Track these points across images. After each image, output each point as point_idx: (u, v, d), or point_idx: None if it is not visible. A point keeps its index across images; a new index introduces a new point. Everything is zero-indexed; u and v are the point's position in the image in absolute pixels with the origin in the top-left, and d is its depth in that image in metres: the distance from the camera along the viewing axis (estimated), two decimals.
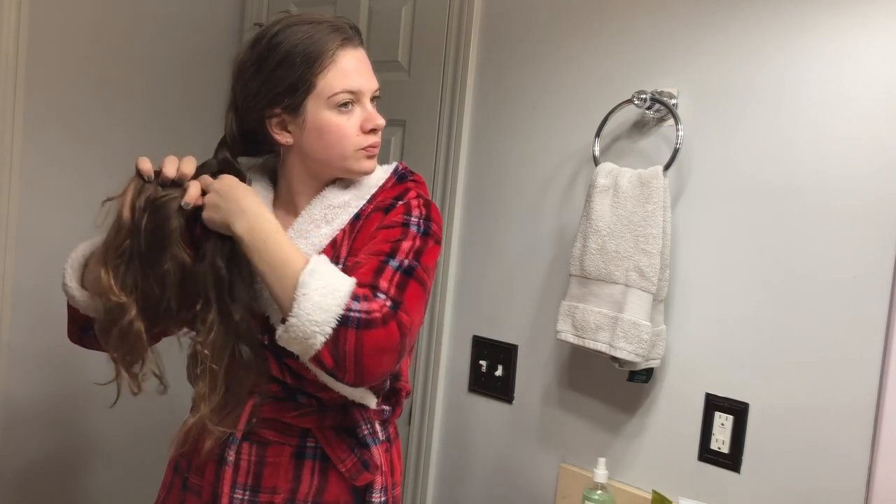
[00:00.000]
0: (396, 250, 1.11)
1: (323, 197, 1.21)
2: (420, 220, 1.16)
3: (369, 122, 1.17)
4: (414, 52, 1.93)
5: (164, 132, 2.17)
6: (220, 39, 2.31)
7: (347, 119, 1.16)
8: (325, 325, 1.00)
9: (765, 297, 1.40)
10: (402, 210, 1.17)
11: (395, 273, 1.08)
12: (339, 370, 1.02)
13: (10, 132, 1.86)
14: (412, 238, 1.13)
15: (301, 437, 1.20)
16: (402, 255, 1.11)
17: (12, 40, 1.83)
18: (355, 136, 1.17)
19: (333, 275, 1.05)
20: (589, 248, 1.50)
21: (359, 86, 1.16)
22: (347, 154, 1.17)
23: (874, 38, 1.29)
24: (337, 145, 1.17)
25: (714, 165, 1.46)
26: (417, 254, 1.12)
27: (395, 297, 1.05)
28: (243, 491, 1.18)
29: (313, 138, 1.17)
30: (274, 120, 1.18)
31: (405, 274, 1.09)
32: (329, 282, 1.03)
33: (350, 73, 1.15)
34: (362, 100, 1.17)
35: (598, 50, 1.61)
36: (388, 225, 1.15)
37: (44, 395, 2.00)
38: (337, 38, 1.15)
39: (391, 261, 1.09)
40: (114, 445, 2.14)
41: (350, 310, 1.01)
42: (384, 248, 1.11)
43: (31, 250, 1.93)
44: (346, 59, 1.15)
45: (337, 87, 1.14)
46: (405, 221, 1.15)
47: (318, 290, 1.01)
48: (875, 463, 1.27)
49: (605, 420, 1.60)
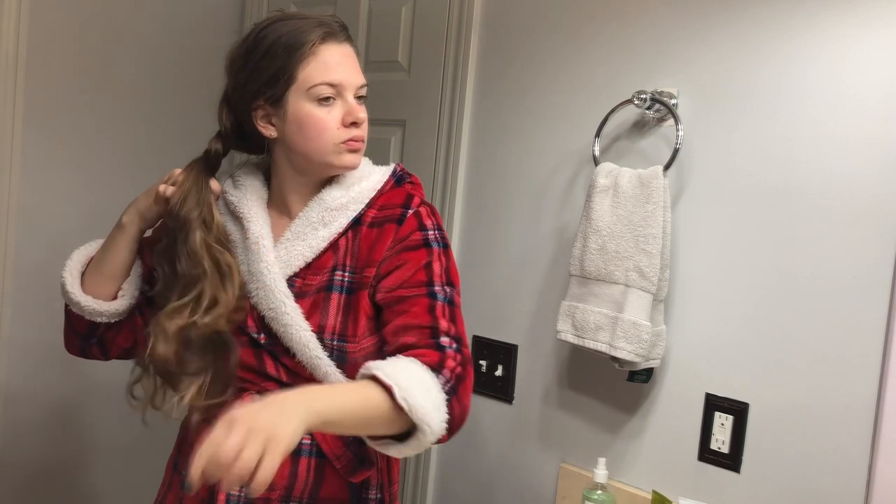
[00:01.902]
0: (432, 276, 1.16)
1: (320, 199, 1.21)
2: (436, 233, 1.20)
3: (350, 115, 1.18)
4: (414, 52, 1.93)
5: (164, 131, 2.18)
6: (219, 39, 2.30)
7: (328, 112, 1.16)
8: (445, 416, 1.04)
9: (765, 297, 1.40)
10: (416, 224, 1.19)
11: (444, 307, 1.14)
12: (451, 434, 1.07)
13: (10, 132, 1.86)
14: (438, 257, 1.18)
15: None
16: (439, 280, 1.16)
17: (12, 40, 1.84)
18: (336, 130, 1.17)
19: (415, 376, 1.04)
20: (589, 248, 1.50)
21: (340, 79, 1.16)
22: (328, 147, 1.18)
23: (874, 38, 1.29)
24: (317, 138, 1.17)
25: (714, 165, 1.46)
26: (447, 273, 1.18)
27: (455, 335, 1.12)
28: (239, 488, 1.18)
29: (294, 131, 1.18)
30: (259, 112, 1.19)
31: (451, 305, 1.15)
32: (420, 384, 1.03)
33: (331, 66, 1.16)
34: (344, 94, 1.17)
35: (599, 50, 1.61)
36: (410, 247, 1.18)
37: (44, 393, 2.00)
38: (320, 31, 1.16)
39: (435, 292, 1.14)
40: (114, 444, 2.14)
41: (444, 386, 1.05)
42: (420, 276, 1.15)
43: (31, 249, 1.93)
44: (328, 52, 1.16)
45: (317, 79, 1.15)
46: (425, 239, 1.18)
47: (424, 400, 1.01)
48: (875, 463, 1.27)
49: (605, 420, 1.60)
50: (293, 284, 1.20)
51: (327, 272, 1.20)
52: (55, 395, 2.02)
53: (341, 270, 1.19)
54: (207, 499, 1.19)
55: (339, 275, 1.19)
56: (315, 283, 1.19)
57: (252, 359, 1.19)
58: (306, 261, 1.20)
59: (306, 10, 1.57)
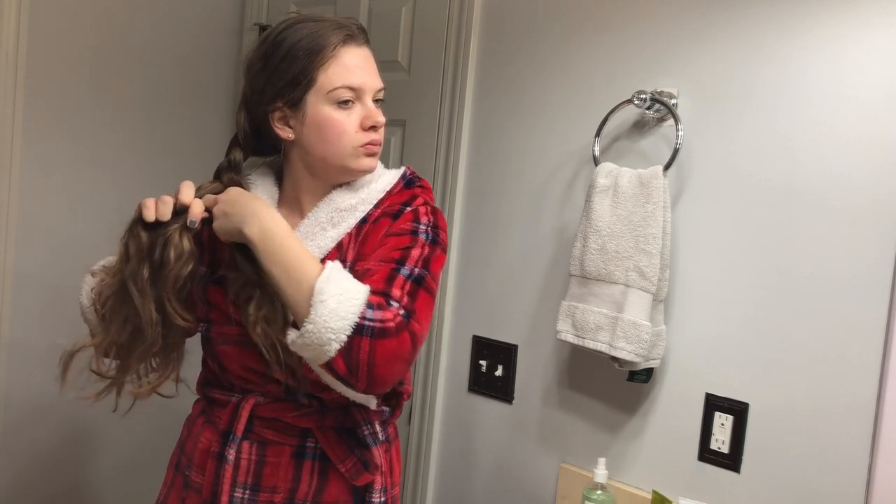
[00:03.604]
0: (406, 258, 1.12)
1: (330, 200, 1.21)
2: (428, 228, 1.17)
3: (369, 119, 1.17)
4: (414, 52, 1.93)
5: (164, 132, 2.18)
6: (219, 39, 2.31)
7: (347, 115, 1.16)
8: (340, 332, 1.00)
9: (765, 297, 1.40)
10: (411, 217, 1.18)
11: (406, 281, 1.09)
12: (351, 377, 1.02)
13: (10, 132, 1.86)
14: (421, 246, 1.14)
15: (301, 437, 1.20)
16: (412, 263, 1.11)
17: (12, 40, 1.83)
18: (354, 133, 1.17)
19: (349, 282, 1.04)
20: (589, 248, 1.50)
21: (359, 83, 1.16)
22: (346, 151, 1.17)
23: (874, 37, 1.29)
24: (335, 141, 1.17)
25: (714, 165, 1.46)
26: (426, 262, 1.13)
27: (407, 305, 1.06)
28: (243, 490, 1.18)
29: (312, 133, 1.17)
30: (277, 114, 1.18)
31: (416, 282, 1.10)
32: (346, 288, 1.03)
33: (352, 69, 1.16)
34: (363, 97, 1.17)
35: (598, 50, 1.61)
36: (397, 232, 1.16)
37: (44, 394, 2.00)
38: (340, 34, 1.16)
39: (402, 268, 1.10)
40: (114, 445, 2.14)
41: (365, 318, 1.01)
42: (394, 255, 1.12)
43: (31, 248, 1.93)
44: (349, 55, 1.16)
45: (337, 83, 1.15)
46: (414, 229, 1.16)
47: (334, 296, 1.01)
48: (875, 463, 1.27)
49: (605, 420, 1.60)
50: None
51: None
52: (56, 396, 2.02)
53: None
54: (210, 499, 1.19)
55: None
56: None
57: (256, 361, 1.18)
58: None
59: (319, 12, 1.55)
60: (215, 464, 1.20)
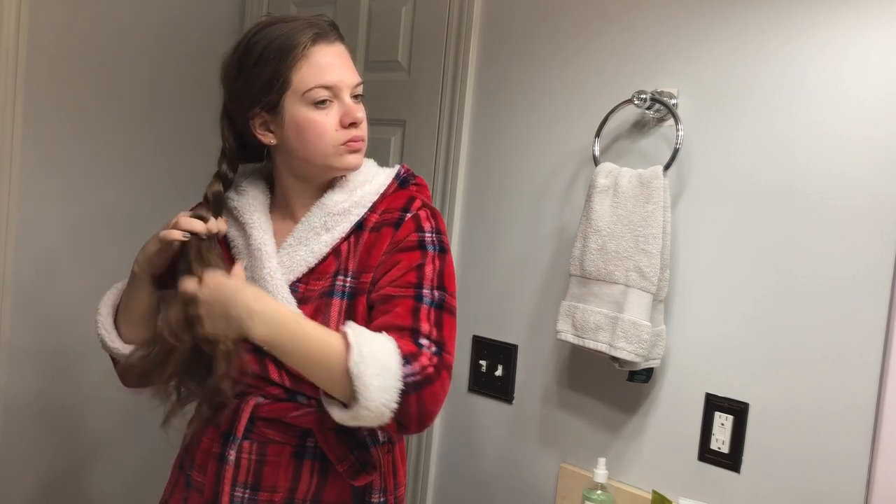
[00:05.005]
0: (422, 279, 1.13)
1: (322, 204, 1.21)
2: (433, 236, 1.18)
3: (348, 116, 1.17)
4: (414, 52, 1.93)
5: (164, 132, 2.18)
6: (220, 39, 2.30)
7: (325, 115, 1.16)
8: (391, 402, 1.03)
9: (765, 297, 1.40)
10: (413, 226, 1.18)
11: (430, 310, 1.11)
12: (403, 430, 1.06)
13: (10, 132, 1.86)
14: (432, 260, 1.15)
15: (301, 437, 1.20)
16: (430, 284, 1.13)
17: (12, 40, 1.83)
18: (334, 132, 1.17)
19: (379, 349, 1.05)
20: (589, 248, 1.50)
21: (335, 81, 1.16)
22: (328, 151, 1.17)
23: (874, 37, 1.29)
24: (316, 142, 1.16)
25: (714, 165, 1.46)
26: (441, 276, 1.15)
27: (437, 339, 1.09)
28: (244, 489, 1.18)
29: (293, 136, 1.17)
30: (257, 120, 1.19)
31: (438, 308, 1.12)
32: (381, 362, 1.04)
33: (324, 67, 1.15)
34: (340, 95, 1.17)
35: (599, 50, 1.61)
36: (405, 247, 1.16)
37: (44, 396, 2.00)
38: (309, 33, 1.15)
39: (423, 296, 1.12)
40: (114, 446, 2.14)
41: (406, 377, 1.03)
42: (410, 278, 1.13)
43: (31, 250, 1.93)
44: (320, 54, 1.15)
45: (311, 83, 1.14)
46: (420, 240, 1.17)
47: (375, 375, 1.02)
48: (875, 463, 1.28)
49: (605, 420, 1.60)
50: (296, 290, 1.19)
51: (329, 277, 1.19)
52: (56, 398, 2.02)
53: (343, 276, 1.19)
54: (211, 499, 1.19)
55: (341, 280, 1.19)
56: (318, 289, 1.19)
57: (255, 364, 1.18)
58: (309, 266, 1.20)
59: (296, 13, 1.56)
60: (216, 464, 1.20)
